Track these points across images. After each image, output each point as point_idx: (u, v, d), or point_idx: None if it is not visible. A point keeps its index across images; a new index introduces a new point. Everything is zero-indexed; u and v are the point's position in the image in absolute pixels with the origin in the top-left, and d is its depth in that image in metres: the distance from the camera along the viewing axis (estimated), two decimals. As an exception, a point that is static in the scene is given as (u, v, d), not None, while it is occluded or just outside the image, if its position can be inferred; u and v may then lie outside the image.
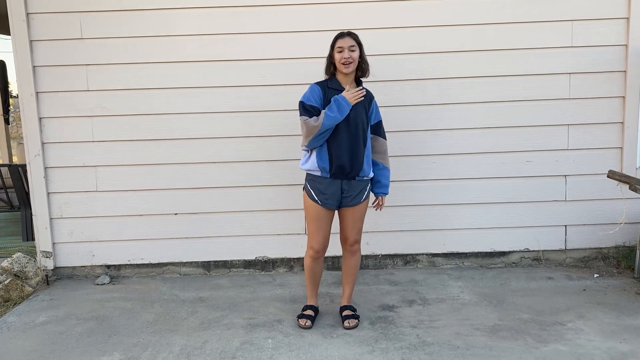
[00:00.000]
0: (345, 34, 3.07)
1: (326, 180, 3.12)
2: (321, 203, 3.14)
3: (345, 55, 3.01)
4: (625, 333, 3.07)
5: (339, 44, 3.04)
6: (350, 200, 3.16)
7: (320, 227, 3.19)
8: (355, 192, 3.16)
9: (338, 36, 3.09)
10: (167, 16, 3.96)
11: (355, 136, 3.08)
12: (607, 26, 4.00)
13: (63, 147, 4.08)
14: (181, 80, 4.02)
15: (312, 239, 3.21)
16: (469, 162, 4.13)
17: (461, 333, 3.12)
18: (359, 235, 3.28)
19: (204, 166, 4.11)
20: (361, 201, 3.19)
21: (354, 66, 3.06)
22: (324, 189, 3.12)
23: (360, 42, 3.09)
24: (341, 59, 3.02)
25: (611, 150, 4.12)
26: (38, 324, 3.41)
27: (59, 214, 4.14)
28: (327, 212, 3.18)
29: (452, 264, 4.28)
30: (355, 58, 3.05)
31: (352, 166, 3.10)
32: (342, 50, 3.03)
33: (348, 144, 3.07)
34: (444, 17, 3.98)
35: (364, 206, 3.23)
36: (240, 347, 3.01)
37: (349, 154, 3.08)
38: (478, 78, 4.04)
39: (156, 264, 4.24)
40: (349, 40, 3.04)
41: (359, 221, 3.25)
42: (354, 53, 3.04)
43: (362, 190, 3.19)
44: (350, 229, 3.23)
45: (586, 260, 4.26)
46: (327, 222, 3.20)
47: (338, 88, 3.09)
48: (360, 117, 3.10)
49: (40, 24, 3.95)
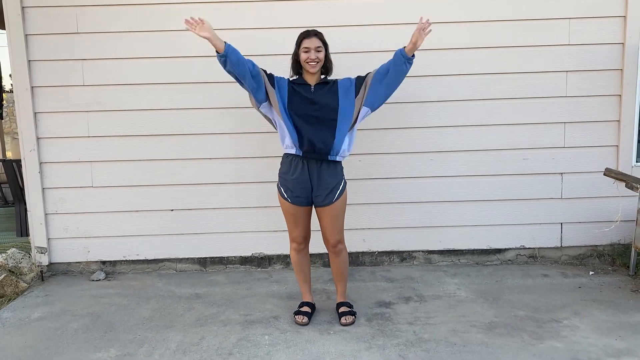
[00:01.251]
0: (312, 34, 3.08)
1: (294, 175, 3.09)
2: (291, 201, 3.14)
3: (312, 57, 3.04)
4: (621, 330, 3.08)
5: (306, 44, 3.06)
6: (322, 200, 3.12)
7: (297, 222, 3.21)
8: (326, 192, 3.11)
9: (304, 35, 3.09)
10: (164, 11, 3.94)
11: (320, 121, 3.05)
12: (604, 24, 4.01)
13: (58, 142, 4.05)
14: (178, 76, 4.01)
15: (292, 233, 3.25)
16: (465, 159, 4.14)
17: (457, 330, 3.12)
18: (341, 234, 3.23)
19: (200, 162, 4.10)
20: (333, 201, 3.13)
21: (319, 66, 3.09)
22: (292, 187, 3.12)
23: (325, 42, 3.12)
24: (307, 59, 3.05)
25: (607, 148, 4.14)
26: (33, 320, 3.39)
27: (54, 210, 4.11)
28: (300, 209, 3.17)
29: (448, 261, 4.28)
30: (322, 58, 3.08)
31: (322, 144, 3.03)
32: (308, 50, 3.04)
33: (315, 128, 3.04)
34: (441, 14, 3.97)
35: (339, 205, 3.16)
36: (237, 344, 3.00)
37: (317, 136, 3.03)
38: (475, 75, 4.04)
39: (152, 260, 4.22)
40: (315, 40, 3.06)
41: (337, 221, 3.19)
42: (320, 54, 3.07)
43: (334, 189, 3.12)
44: (330, 229, 3.19)
45: (582, 257, 4.27)
46: (303, 217, 3.20)
47: (301, 82, 3.13)
48: (326, 104, 3.06)
49: (35, 17, 3.92)
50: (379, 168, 4.13)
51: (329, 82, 3.16)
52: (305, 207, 3.19)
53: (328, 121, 3.07)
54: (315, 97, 3.09)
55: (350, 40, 3.95)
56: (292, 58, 3.16)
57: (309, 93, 3.10)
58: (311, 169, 3.10)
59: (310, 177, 3.11)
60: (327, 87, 3.13)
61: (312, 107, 3.07)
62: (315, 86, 3.12)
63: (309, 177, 3.11)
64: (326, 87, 3.14)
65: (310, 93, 3.10)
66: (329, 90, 3.12)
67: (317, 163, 3.10)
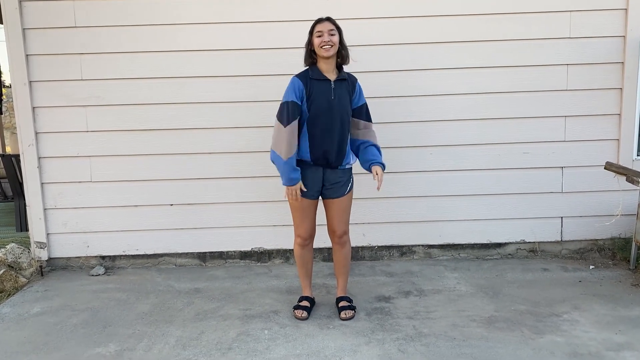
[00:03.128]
0: (324, 19, 3.04)
1: (306, 171, 3.09)
2: (302, 194, 3.12)
3: (325, 39, 2.97)
4: (621, 324, 3.07)
5: (318, 29, 3.01)
6: (334, 192, 3.14)
7: (305, 216, 3.19)
8: (338, 185, 3.13)
9: (317, 21, 3.05)
10: (162, 5, 3.91)
11: (337, 126, 3.04)
12: (606, 17, 3.98)
13: (57, 137, 4.04)
14: (176, 70, 3.99)
15: (298, 228, 3.22)
16: (465, 154, 4.12)
17: (457, 324, 3.12)
18: (347, 226, 3.25)
19: (199, 157, 4.08)
20: (345, 193, 3.16)
21: (334, 50, 3.01)
22: (303, 181, 3.10)
23: (339, 26, 3.06)
24: (321, 43, 2.98)
25: (608, 142, 4.12)
26: (32, 315, 3.39)
27: (53, 205, 4.11)
28: (310, 203, 3.16)
29: (448, 255, 4.28)
30: (336, 42, 3.01)
31: (335, 155, 3.07)
32: (321, 34, 2.99)
33: (330, 133, 3.04)
34: (442, 7, 3.95)
35: (348, 197, 3.20)
36: (237, 338, 3.00)
37: (331, 143, 3.05)
38: (475, 69, 4.02)
39: (151, 254, 4.22)
40: (328, 24, 3.01)
41: (345, 213, 3.21)
42: (334, 37, 3.01)
43: (346, 182, 3.16)
44: (337, 221, 3.20)
45: (582, 251, 4.27)
46: (311, 211, 3.19)
47: (320, 78, 3.04)
48: (344, 105, 3.06)
49: (33, 11, 3.89)
50: (379, 162, 4.11)
51: (346, 78, 3.11)
52: (314, 201, 3.18)
53: (346, 126, 3.09)
54: (336, 96, 3.05)
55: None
56: (306, 47, 3.10)
57: (329, 90, 3.04)
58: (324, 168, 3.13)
59: (323, 172, 3.12)
60: (345, 85, 3.09)
61: (336, 107, 3.03)
62: (335, 82, 3.07)
63: (322, 172, 3.12)
64: (344, 84, 3.10)
65: (330, 90, 3.05)
66: (346, 89, 3.09)
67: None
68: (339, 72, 3.12)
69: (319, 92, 3.02)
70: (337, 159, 3.09)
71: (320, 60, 3.05)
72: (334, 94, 3.04)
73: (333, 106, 3.03)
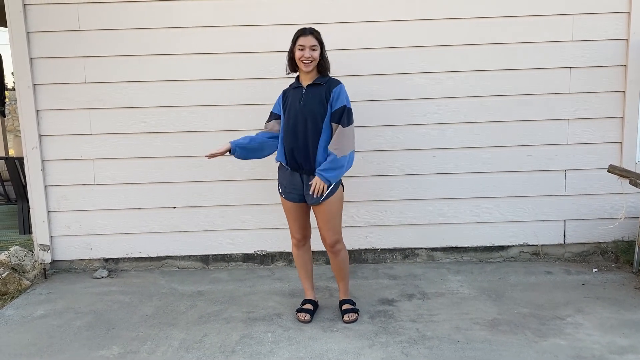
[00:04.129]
0: (308, 32, 3.05)
1: (286, 172, 3.15)
2: (284, 196, 3.18)
3: (306, 55, 3.02)
4: (625, 327, 3.07)
5: (301, 42, 3.04)
6: (310, 198, 3.09)
7: (295, 218, 3.23)
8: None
9: (300, 33, 3.07)
10: (165, 8, 3.93)
11: (305, 130, 3.04)
12: (608, 20, 3.98)
13: (60, 140, 4.05)
14: (179, 73, 4.00)
15: (291, 229, 3.29)
16: (468, 156, 4.12)
17: (461, 327, 3.11)
18: (337, 235, 3.18)
19: (202, 159, 4.07)
20: (320, 201, 3.07)
21: (313, 65, 3.06)
22: (284, 182, 3.17)
23: (321, 40, 3.10)
24: (301, 57, 3.02)
25: (611, 145, 4.12)
26: (36, 317, 3.39)
27: (56, 207, 4.11)
28: (294, 205, 3.18)
29: (451, 258, 4.27)
30: (316, 57, 3.05)
31: (305, 159, 3.07)
32: (303, 48, 3.02)
33: (298, 139, 3.06)
34: (443, 10, 3.95)
35: (332, 205, 3.10)
36: (240, 341, 3.00)
37: (300, 148, 3.06)
38: (479, 72, 4.02)
39: (155, 257, 4.22)
40: (311, 39, 3.03)
41: (332, 220, 3.13)
42: (315, 52, 3.04)
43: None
44: (325, 229, 3.15)
45: (585, 254, 4.26)
46: (298, 213, 3.21)
47: (296, 86, 3.15)
48: (311, 110, 3.04)
49: (37, 15, 3.91)
50: (381, 165, 4.11)
51: (322, 83, 3.09)
52: (300, 204, 3.19)
53: (313, 129, 3.05)
54: (304, 100, 3.08)
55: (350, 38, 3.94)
56: (288, 55, 3.14)
57: (300, 95, 3.10)
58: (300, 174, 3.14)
59: (301, 177, 3.12)
60: (318, 90, 3.08)
61: (300, 111, 3.07)
62: (307, 87, 3.11)
63: (300, 177, 3.12)
64: (318, 89, 3.09)
65: (301, 95, 3.10)
66: (319, 93, 3.07)
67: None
68: (318, 77, 3.11)
69: (293, 100, 3.12)
70: (307, 162, 3.08)
71: (300, 70, 3.12)
72: (303, 99, 3.08)
73: (300, 110, 3.06)
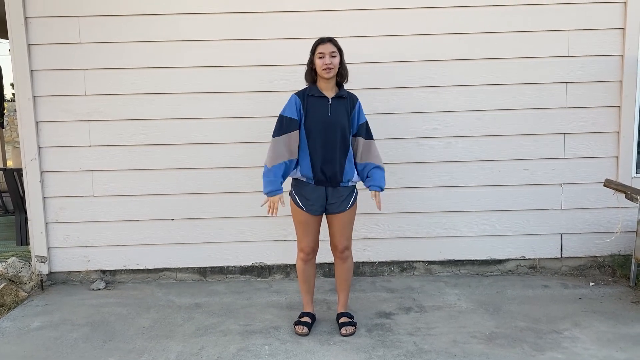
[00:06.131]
0: (326, 40, 3.10)
1: (310, 186, 3.14)
2: (306, 209, 3.16)
3: (327, 61, 3.04)
4: (621, 341, 3.07)
5: (320, 50, 3.07)
6: (336, 207, 3.16)
7: (308, 231, 3.21)
8: (341, 199, 3.15)
9: (319, 42, 3.11)
10: (165, 21, 3.96)
11: (335, 142, 3.09)
12: (603, 36, 4.03)
13: (59, 152, 4.06)
14: (178, 86, 4.02)
15: (301, 242, 3.24)
16: (465, 170, 4.14)
17: (458, 341, 3.11)
18: (349, 241, 3.26)
19: (200, 172, 4.10)
20: (347, 208, 3.18)
21: (334, 72, 3.08)
22: (307, 195, 3.15)
23: (340, 48, 3.13)
24: (322, 65, 3.04)
25: (607, 159, 4.15)
26: (32, 329, 3.38)
27: (54, 219, 4.12)
28: (314, 218, 3.18)
29: (448, 271, 4.28)
30: (336, 64, 3.08)
31: (334, 173, 3.11)
32: (323, 56, 3.05)
33: (328, 151, 3.09)
34: (442, 25, 4.00)
35: (351, 213, 3.22)
36: (237, 354, 2.99)
37: (330, 161, 3.09)
38: (476, 86, 4.06)
39: (152, 269, 4.22)
40: (330, 46, 3.07)
41: (347, 228, 3.23)
42: (335, 59, 3.07)
43: (348, 197, 3.18)
44: (339, 235, 3.22)
45: (582, 268, 4.27)
46: (314, 226, 3.21)
47: (317, 95, 3.12)
48: (340, 122, 3.10)
49: (38, 27, 3.94)
50: (380, 178, 4.13)
51: (345, 96, 3.16)
52: (318, 217, 3.21)
53: (342, 142, 3.11)
54: (333, 112, 3.10)
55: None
56: (307, 66, 3.16)
57: (326, 106, 3.10)
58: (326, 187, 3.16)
59: (326, 190, 3.15)
60: (343, 103, 3.14)
61: (331, 124, 3.08)
62: (332, 99, 3.12)
63: (325, 191, 3.15)
64: (342, 102, 3.14)
65: (327, 106, 3.10)
66: (344, 106, 3.13)
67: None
68: (339, 90, 3.17)
69: (315, 109, 3.10)
70: (337, 177, 3.12)
71: (320, 79, 3.12)
72: (331, 111, 3.09)
73: (330, 122, 3.08)
